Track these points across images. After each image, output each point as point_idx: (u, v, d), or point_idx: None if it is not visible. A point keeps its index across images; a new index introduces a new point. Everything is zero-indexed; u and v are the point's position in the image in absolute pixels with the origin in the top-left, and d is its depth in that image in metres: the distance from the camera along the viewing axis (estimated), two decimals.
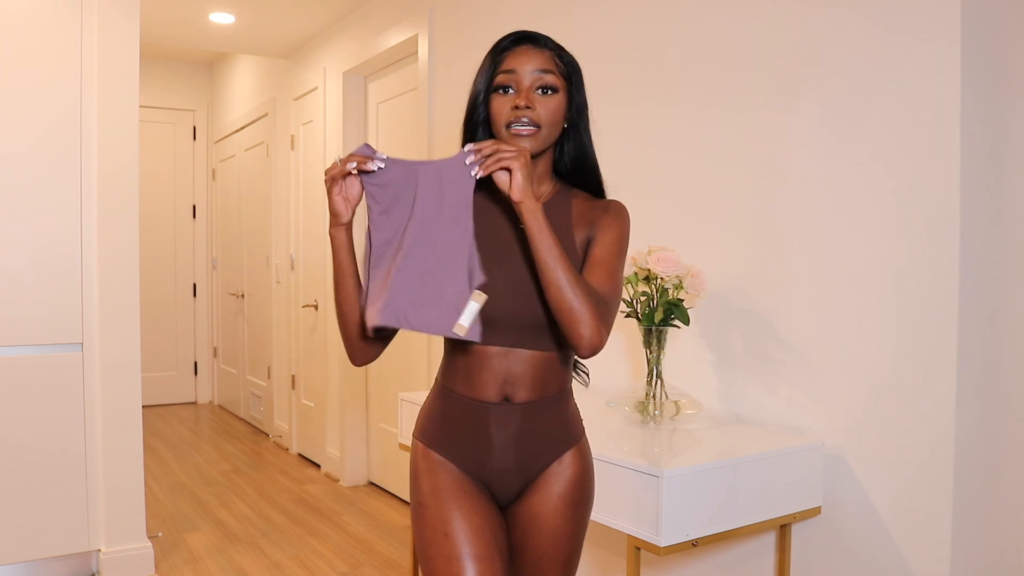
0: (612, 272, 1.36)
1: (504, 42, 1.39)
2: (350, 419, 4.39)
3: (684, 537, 1.65)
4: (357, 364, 1.43)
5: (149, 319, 5.75)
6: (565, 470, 1.42)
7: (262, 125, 5.52)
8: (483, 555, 1.35)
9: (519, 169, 1.24)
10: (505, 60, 1.36)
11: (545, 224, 1.27)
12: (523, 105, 1.33)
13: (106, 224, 3.04)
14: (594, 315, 1.27)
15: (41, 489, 2.95)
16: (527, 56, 1.36)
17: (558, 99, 1.36)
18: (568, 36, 2.58)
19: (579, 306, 1.27)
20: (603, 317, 1.29)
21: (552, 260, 1.26)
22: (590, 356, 1.32)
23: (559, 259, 1.27)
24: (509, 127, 1.34)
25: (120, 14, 3.06)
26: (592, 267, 1.36)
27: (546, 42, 1.39)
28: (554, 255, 1.26)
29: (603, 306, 1.30)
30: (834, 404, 1.91)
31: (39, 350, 2.95)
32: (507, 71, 1.35)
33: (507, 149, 1.25)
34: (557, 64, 1.37)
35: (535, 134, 1.35)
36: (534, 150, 1.36)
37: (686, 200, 2.28)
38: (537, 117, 1.34)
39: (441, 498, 1.39)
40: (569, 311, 1.27)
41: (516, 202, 1.26)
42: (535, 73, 1.35)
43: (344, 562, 3.29)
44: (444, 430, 1.43)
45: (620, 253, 1.39)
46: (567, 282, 1.26)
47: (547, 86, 1.35)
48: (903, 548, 1.77)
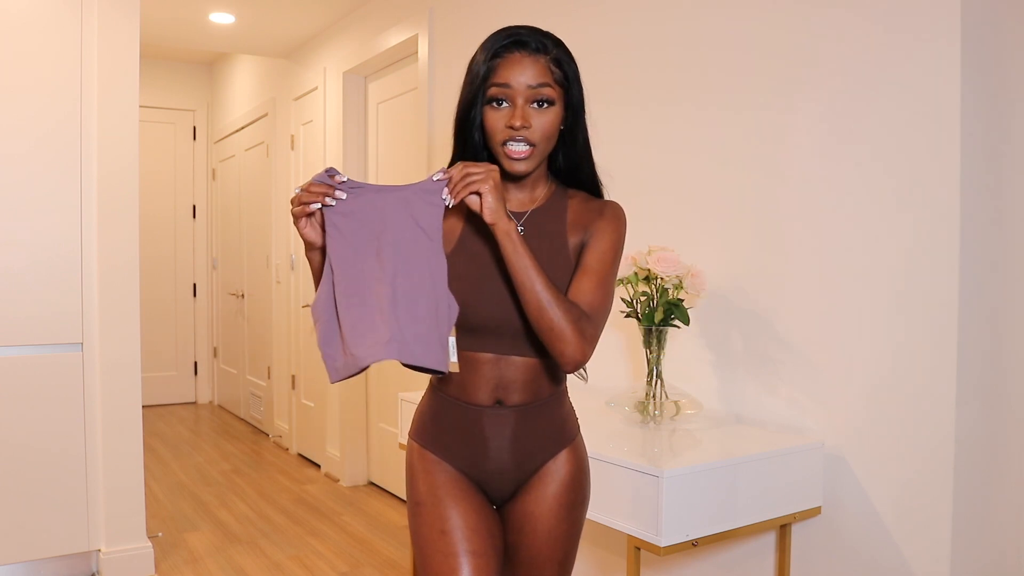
0: (602, 281, 1.35)
1: (496, 46, 1.33)
2: (350, 419, 4.39)
3: (684, 537, 1.65)
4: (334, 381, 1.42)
5: (149, 319, 5.75)
6: (560, 470, 1.43)
7: (262, 125, 5.52)
8: (479, 551, 1.36)
9: (489, 192, 1.24)
10: (498, 70, 1.31)
11: (520, 244, 1.26)
12: (519, 125, 1.29)
13: (106, 224, 3.04)
14: (575, 332, 1.27)
15: (41, 489, 2.95)
16: (521, 67, 1.30)
17: (554, 111, 1.33)
18: (568, 36, 2.58)
19: (559, 324, 1.26)
20: (584, 332, 1.28)
21: (530, 280, 1.26)
22: (574, 371, 1.33)
23: (537, 278, 1.26)
24: (504, 145, 1.32)
25: (120, 14, 3.06)
26: (583, 275, 1.35)
27: (540, 46, 1.33)
28: (531, 275, 1.26)
29: (585, 321, 1.29)
30: (834, 404, 1.91)
31: (39, 350, 2.95)
32: (500, 84, 1.31)
33: (475, 172, 1.24)
34: (552, 72, 1.32)
35: (530, 154, 1.32)
36: (530, 170, 1.35)
37: (686, 200, 2.28)
38: (532, 136, 1.31)
39: (438, 496, 1.40)
40: (549, 329, 1.27)
41: (489, 224, 1.25)
42: (530, 87, 1.30)
43: (344, 562, 3.29)
44: (439, 431, 1.43)
45: (613, 260, 1.38)
46: (546, 301, 1.26)
47: (542, 99, 1.31)
48: (903, 548, 1.77)
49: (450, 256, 1.36)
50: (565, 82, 1.35)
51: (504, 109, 1.32)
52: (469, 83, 1.36)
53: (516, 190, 1.42)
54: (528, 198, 1.42)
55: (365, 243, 1.25)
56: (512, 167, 1.34)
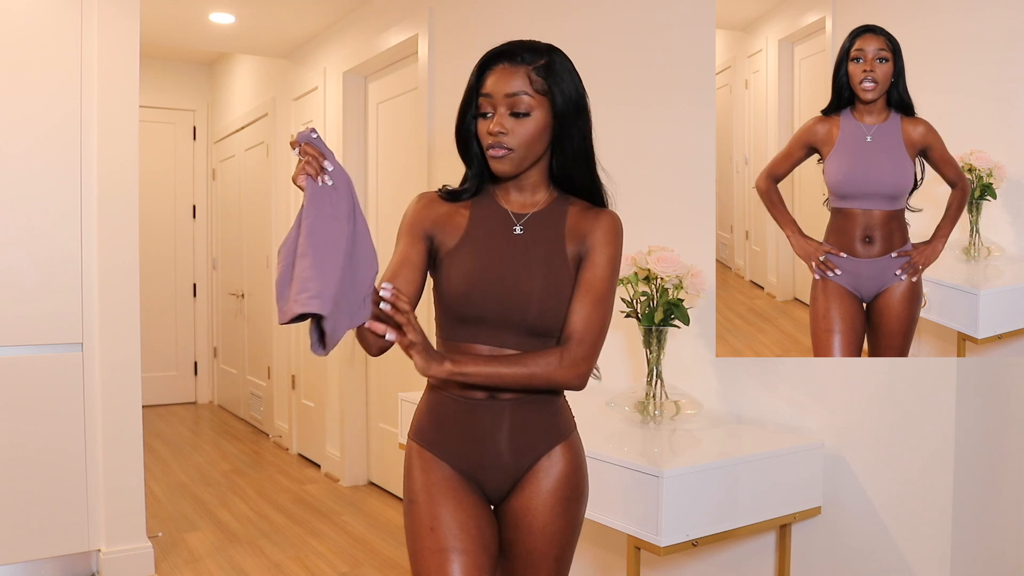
0: (601, 299, 1.40)
1: (484, 59, 1.40)
2: (350, 419, 4.39)
3: (684, 537, 1.66)
4: (374, 354, 1.41)
5: (149, 319, 5.74)
6: (555, 465, 1.44)
7: (262, 125, 5.52)
8: (468, 549, 1.38)
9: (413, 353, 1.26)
10: (484, 82, 1.38)
11: (469, 366, 1.32)
12: (495, 131, 1.36)
13: (106, 224, 3.04)
14: (565, 369, 1.36)
15: (41, 489, 2.95)
16: (501, 78, 1.37)
17: (532, 120, 1.37)
18: (568, 35, 2.58)
19: (547, 376, 1.36)
20: (574, 362, 1.37)
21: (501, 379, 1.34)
22: (582, 388, 1.41)
23: (505, 373, 1.34)
24: (488, 149, 1.39)
25: (120, 14, 3.06)
26: (582, 293, 1.40)
27: (523, 56, 1.37)
28: (499, 374, 1.35)
29: (574, 348, 1.37)
30: (834, 404, 1.91)
31: (39, 350, 2.95)
32: (485, 95, 1.38)
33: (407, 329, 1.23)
34: (532, 81, 1.37)
35: (508, 155, 1.38)
36: (513, 171, 1.40)
37: (686, 200, 2.27)
38: (509, 142, 1.37)
39: (431, 494, 1.42)
40: (547, 385, 1.37)
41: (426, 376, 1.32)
42: (507, 97, 1.36)
43: (344, 562, 3.29)
44: (437, 429, 1.45)
45: (611, 276, 1.42)
46: (525, 376, 1.35)
47: (520, 110, 1.36)
48: (903, 548, 1.77)
49: (454, 249, 1.41)
50: (548, 91, 1.38)
51: (488, 119, 1.39)
52: (464, 96, 1.43)
53: (516, 192, 1.46)
54: (528, 201, 1.45)
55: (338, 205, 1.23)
56: (496, 167, 1.41)
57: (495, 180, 1.46)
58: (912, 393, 1.75)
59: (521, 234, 1.42)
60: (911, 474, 1.76)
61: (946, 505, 1.70)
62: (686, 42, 2.27)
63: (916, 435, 1.75)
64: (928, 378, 1.73)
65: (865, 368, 1.84)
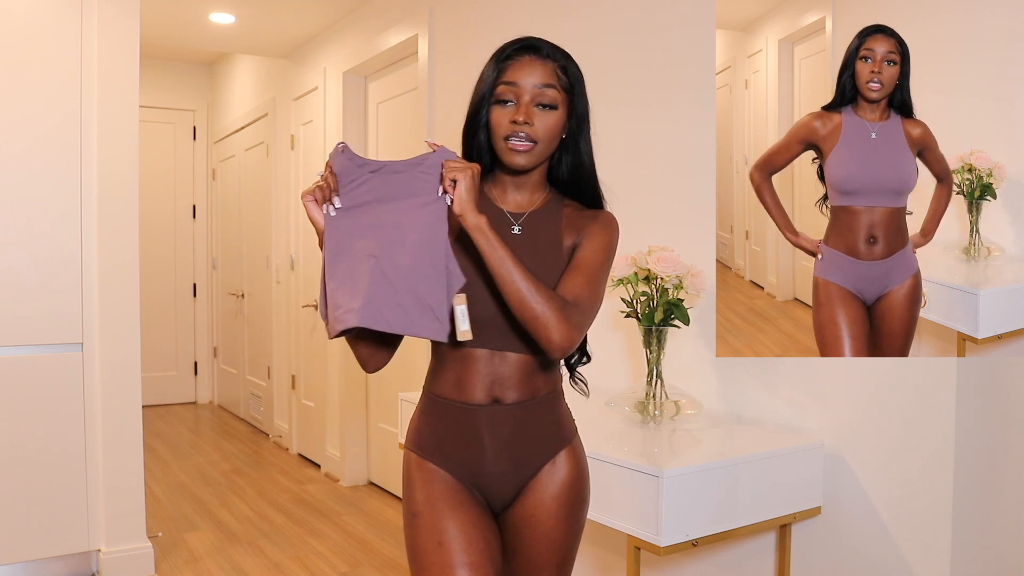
0: (591, 277, 1.36)
1: (508, 49, 1.37)
2: (350, 419, 4.39)
3: (684, 537, 1.65)
4: (369, 371, 1.43)
5: (149, 319, 5.73)
6: (558, 471, 1.42)
7: (262, 125, 5.52)
8: (477, 564, 1.35)
9: (462, 181, 1.25)
10: (507, 70, 1.35)
11: (493, 236, 1.27)
12: (522, 120, 1.32)
13: (106, 224, 3.04)
14: (560, 318, 1.28)
15: (41, 489, 2.95)
16: (529, 68, 1.34)
17: (557, 114, 1.36)
18: (568, 35, 2.58)
19: (543, 311, 1.27)
20: (570, 319, 1.29)
21: (507, 271, 1.27)
22: (561, 358, 1.34)
23: (514, 269, 1.27)
24: (507, 140, 1.34)
25: (120, 14, 3.06)
26: (573, 270, 1.37)
27: (550, 52, 1.37)
28: (507, 266, 1.27)
29: (571, 308, 1.31)
30: (834, 404, 1.91)
31: (39, 350, 2.95)
32: (508, 83, 1.34)
33: (455, 165, 1.27)
34: (559, 77, 1.36)
35: (531, 150, 1.34)
36: (529, 165, 1.37)
37: (686, 200, 2.27)
38: (534, 133, 1.34)
39: (435, 507, 1.39)
40: (534, 319, 1.28)
41: (457, 215, 1.27)
42: (536, 87, 1.34)
43: (344, 562, 3.29)
44: (437, 438, 1.43)
45: (604, 261, 1.40)
46: (526, 290, 1.27)
47: (547, 103, 1.34)
48: (903, 548, 1.77)
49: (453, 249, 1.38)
50: (571, 89, 1.38)
51: (509, 107, 1.35)
52: (479, 86, 1.39)
53: (515, 192, 1.44)
54: (527, 200, 1.44)
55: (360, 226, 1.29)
56: (512, 159, 1.35)
57: (491, 179, 1.45)
58: (912, 393, 1.75)
59: (519, 234, 1.41)
60: (911, 474, 1.76)
61: (946, 505, 1.70)
62: (686, 42, 2.27)
63: (916, 435, 1.75)
64: (928, 378, 1.73)
65: (865, 368, 1.84)
